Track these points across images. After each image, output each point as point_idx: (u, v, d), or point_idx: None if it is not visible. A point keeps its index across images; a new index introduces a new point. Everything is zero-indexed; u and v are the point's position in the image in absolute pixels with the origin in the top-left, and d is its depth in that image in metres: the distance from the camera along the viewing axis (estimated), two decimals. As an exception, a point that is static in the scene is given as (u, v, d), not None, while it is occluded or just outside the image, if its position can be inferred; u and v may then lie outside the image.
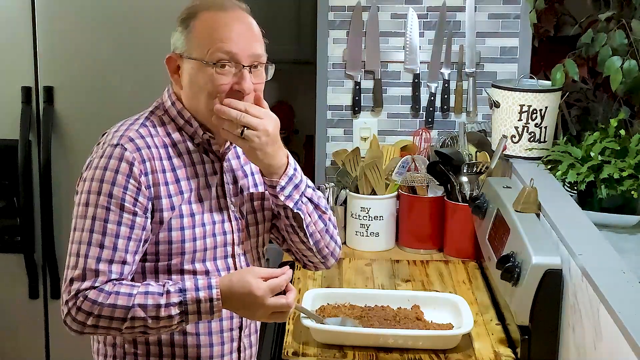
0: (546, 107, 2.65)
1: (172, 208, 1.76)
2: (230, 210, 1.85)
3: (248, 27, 1.81)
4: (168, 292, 1.69)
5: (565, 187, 2.39)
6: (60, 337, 3.14)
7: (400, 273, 2.63)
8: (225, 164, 1.86)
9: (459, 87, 2.98)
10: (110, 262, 1.70)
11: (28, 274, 3.09)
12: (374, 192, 2.84)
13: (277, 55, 3.43)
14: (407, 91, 3.00)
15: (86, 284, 1.69)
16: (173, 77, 1.84)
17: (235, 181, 1.88)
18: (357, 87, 2.99)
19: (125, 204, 1.72)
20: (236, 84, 1.77)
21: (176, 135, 1.82)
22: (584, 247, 1.92)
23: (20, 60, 3.01)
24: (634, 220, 2.22)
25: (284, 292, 1.76)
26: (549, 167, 2.52)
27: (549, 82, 2.73)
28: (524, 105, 2.66)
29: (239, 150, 1.89)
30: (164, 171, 1.77)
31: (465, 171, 2.72)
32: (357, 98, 3.00)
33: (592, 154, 2.32)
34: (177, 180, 1.79)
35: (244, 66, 1.77)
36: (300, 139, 3.61)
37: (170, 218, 1.76)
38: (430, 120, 2.99)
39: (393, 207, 2.88)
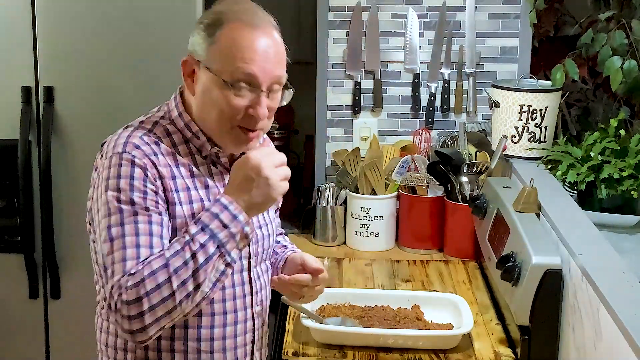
0: (546, 107, 2.65)
1: (183, 216, 1.71)
2: None
3: (274, 47, 1.75)
4: (186, 230, 1.64)
5: (565, 187, 2.39)
6: (60, 337, 3.14)
7: (400, 273, 2.63)
8: None
9: (459, 87, 2.98)
10: (139, 257, 1.63)
11: (28, 274, 3.08)
12: (374, 192, 2.84)
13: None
14: (407, 91, 3.00)
15: (123, 279, 1.60)
16: (186, 81, 1.76)
17: None
18: (357, 87, 2.99)
19: (149, 206, 1.66)
20: (251, 107, 1.71)
21: (183, 147, 1.76)
22: (584, 247, 1.92)
23: (20, 60, 3.00)
24: (634, 220, 2.22)
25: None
26: (549, 167, 2.52)
27: (549, 82, 2.73)
28: (524, 105, 2.66)
29: None
30: (174, 178, 1.72)
31: (465, 171, 2.72)
32: (357, 98, 3.00)
33: (592, 154, 2.32)
34: (188, 189, 1.73)
35: (262, 90, 1.71)
36: (300, 139, 3.60)
37: (183, 228, 1.69)
38: (430, 120, 2.99)
39: (393, 207, 2.88)
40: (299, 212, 3.17)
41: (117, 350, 1.79)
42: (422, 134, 2.98)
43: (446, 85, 2.97)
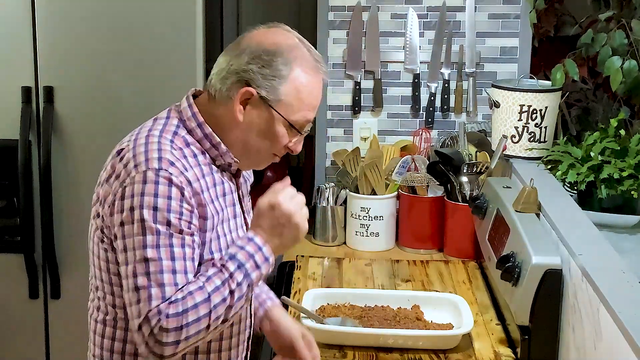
0: (546, 107, 2.65)
1: (213, 229, 1.73)
2: (247, 220, 1.86)
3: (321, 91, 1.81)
4: (223, 265, 1.66)
5: (565, 187, 2.39)
6: (60, 337, 3.14)
7: (400, 273, 2.63)
8: (240, 180, 1.86)
9: (459, 87, 2.98)
10: (177, 284, 1.65)
11: (28, 274, 3.08)
12: (374, 192, 2.84)
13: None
14: (407, 91, 3.00)
15: (162, 306, 1.62)
16: (236, 107, 1.73)
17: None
18: (357, 87, 2.99)
19: (183, 227, 1.66)
20: (292, 145, 1.79)
21: (201, 158, 1.76)
22: (584, 247, 1.92)
23: (20, 60, 3.00)
24: (634, 220, 2.22)
25: None
26: (549, 167, 2.52)
27: (549, 82, 2.73)
28: (524, 105, 2.66)
29: None
30: (203, 191, 1.72)
31: (465, 171, 2.72)
32: (357, 98, 3.00)
33: (592, 154, 2.32)
34: (212, 201, 1.74)
35: (302, 133, 1.79)
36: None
37: (211, 240, 1.72)
38: (430, 120, 2.99)
39: (393, 207, 2.88)
40: (299, 212, 3.17)
41: (115, 353, 1.80)
42: (422, 134, 2.98)
43: (446, 85, 2.97)
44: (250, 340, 1.92)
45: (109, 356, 1.80)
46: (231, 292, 1.64)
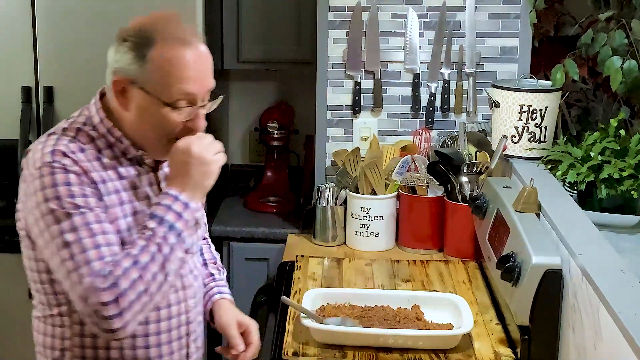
0: (546, 107, 2.65)
1: (116, 219, 1.75)
2: None
3: (206, 62, 1.75)
4: (144, 226, 1.70)
5: (565, 187, 2.39)
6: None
7: (400, 273, 2.63)
8: (160, 173, 1.85)
9: (459, 87, 2.98)
10: (104, 257, 1.68)
11: (28, 274, 3.08)
12: (374, 192, 2.84)
13: (277, 55, 3.46)
14: (407, 91, 3.00)
15: (97, 281, 1.65)
16: (118, 99, 1.77)
17: None
18: (357, 87, 2.99)
19: (93, 205, 1.70)
20: (190, 121, 1.75)
21: (108, 152, 1.79)
22: (584, 247, 1.92)
23: (20, 60, 3.01)
24: (634, 220, 2.22)
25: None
26: (549, 167, 2.52)
27: (549, 82, 2.73)
28: (524, 105, 2.66)
29: None
30: (104, 182, 1.75)
31: (465, 171, 2.72)
32: (357, 98, 3.00)
33: (592, 154, 2.32)
34: (117, 191, 1.77)
35: (200, 106, 1.75)
36: (300, 139, 3.61)
37: (120, 230, 1.75)
38: (430, 120, 2.99)
39: (393, 207, 2.88)
40: (299, 212, 3.17)
41: (55, 350, 1.83)
42: (422, 134, 2.98)
43: (446, 85, 2.97)
44: (194, 338, 1.93)
45: (44, 351, 1.85)
46: (159, 247, 1.67)
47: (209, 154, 1.74)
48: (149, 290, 1.66)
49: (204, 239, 2.17)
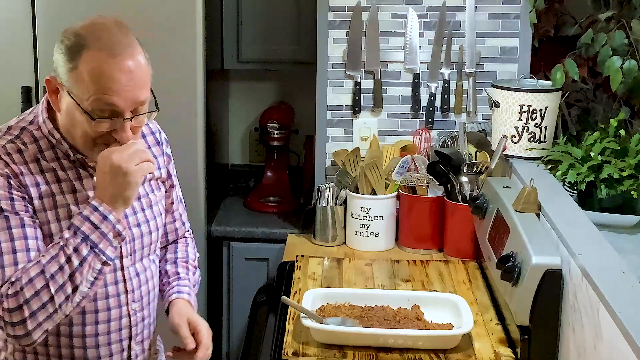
0: (546, 107, 2.65)
1: (49, 223, 1.75)
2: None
3: (135, 73, 1.70)
4: (61, 236, 1.70)
5: (565, 187, 2.39)
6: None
7: (400, 273, 2.63)
8: None
9: (459, 87, 2.98)
10: (18, 263, 1.69)
11: (28, 274, 3.08)
12: (374, 192, 2.84)
13: (277, 55, 3.46)
14: (407, 91, 3.00)
15: (3, 288, 1.67)
16: (51, 97, 1.77)
17: None
18: (357, 87, 2.99)
19: (18, 210, 1.71)
20: (115, 132, 1.73)
21: (49, 153, 1.79)
22: (584, 247, 1.92)
23: (20, 60, 3.01)
24: (634, 220, 2.22)
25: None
26: (549, 167, 2.52)
27: (549, 82, 2.73)
28: (524, 105, 2.66)
29: None
30: (37, 185, 1.75)
31: (465, 171, 2.72)
32: (357, 98, 3.00)
33: (592, 154, 2.32)
34: (52, 194, 1.77)
35: (124, 119, 1.72)
36: (300, 139, 3.60)
37: (52, 234, 1.75)
38: (430, 120, 2.99)
39: (393, 207, 2.88)
40: (299, 212, 3.17)
41: (1, 351, 1.86)
42: (422, 134, 2.98)
43: (446, 85, 2.97)
44: (140, 341, 1.94)
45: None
46: (68, 258, 1.66)
47: (129, 164, 1.70)
48: (54, 300, 1.66)
49: (184, 237, 2.17)
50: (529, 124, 2.67)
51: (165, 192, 2.06)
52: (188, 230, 2.22)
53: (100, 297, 1.84)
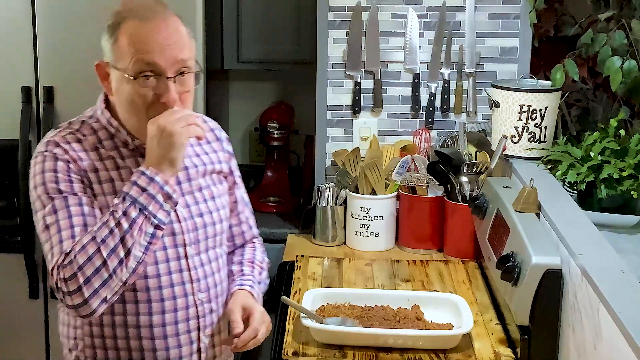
0: (546, 107, 2.65)
1: (108, 207, 1.78)
2: (177, 212, 1.86)
3: (172, 34, 1.77)
4: (111, 204, 1.74)
5: (565, 187, 2.39)
6: (60, 337, 3.14)
7: (400, 273, 2.63)
8: None
9: (459, 87, 2.98)
10: (75, 236, 1.74)
11: (28, 274, 3.09)
12: (374, 192, 2.84)
13: (277, 55, 3.46)
14: (407, 91, 3.00)
15: (60, 259, 1.71)
16: (103, 84, 1.84)
17: (178, 181, 1.89)
18: (357, 87, 2.99)
19: (77, 191, 1.77)
20: (161, 95, 1.76)
21: (109, 142, 1.85)
22: (584, 247, 1.92)
23: (20, 60, 3.01)
24: (634, 220, 2.22)
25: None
26: (549, 167, 2.52)
27: (549, 82, 2.73)
28: (524, 105, 2.66)
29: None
30: (96, 170, 1.81)
31: (465, 171, 2.72)
32: (357, 98, 3.00)
33: (592, 154, 2.32)
34: (112, 180, 1.82)
35: (167, 77, 1.76)
36: (300, 139, 3.60)
37: None
38: (430, 120, 2.99)
39: (393, 207, 2.88)
40: (299, 212, 3.17)
41: (70, 339, 1.90)
42: (422, 134, 2.98)
43: (446, 85, 2.97)
44: (209, 334, 1.94)
45: (67, 342, 1.92)
46: (118, 222, 1.70)
47: (174, 125, 1.73)
48: (108, 264, 1.68)
49: (252, 242, 2.17)
50: (528, 124, 2.67)
51: (229, 189, 2.07)
52: (256, 237, 2.21)
53: (165, 284, 1.85)
